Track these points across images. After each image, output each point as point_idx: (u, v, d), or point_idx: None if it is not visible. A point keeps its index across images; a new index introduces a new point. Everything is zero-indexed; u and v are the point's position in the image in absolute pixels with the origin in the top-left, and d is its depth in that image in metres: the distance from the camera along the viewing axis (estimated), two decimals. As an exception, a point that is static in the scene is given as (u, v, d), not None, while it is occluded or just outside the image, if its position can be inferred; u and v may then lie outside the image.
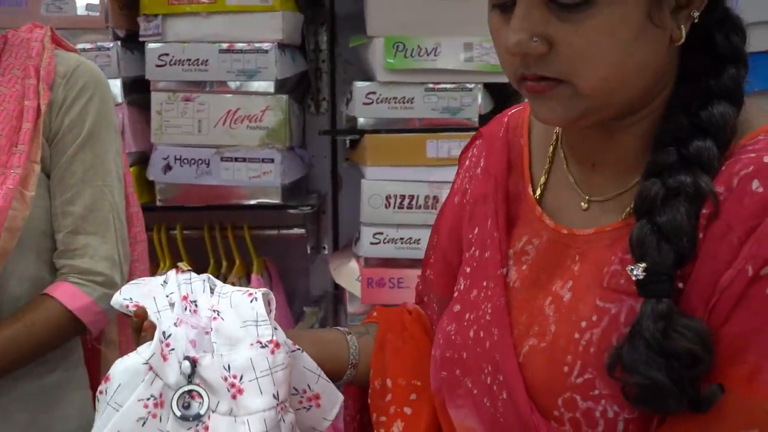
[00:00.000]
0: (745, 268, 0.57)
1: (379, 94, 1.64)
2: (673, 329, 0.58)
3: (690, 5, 0.61)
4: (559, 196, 0.73)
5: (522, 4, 0.60)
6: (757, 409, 0.57)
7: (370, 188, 1.66)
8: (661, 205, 0.60)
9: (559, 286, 0.68)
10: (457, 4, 1.60)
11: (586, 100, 0.62)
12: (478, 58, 1.61)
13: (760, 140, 0.61)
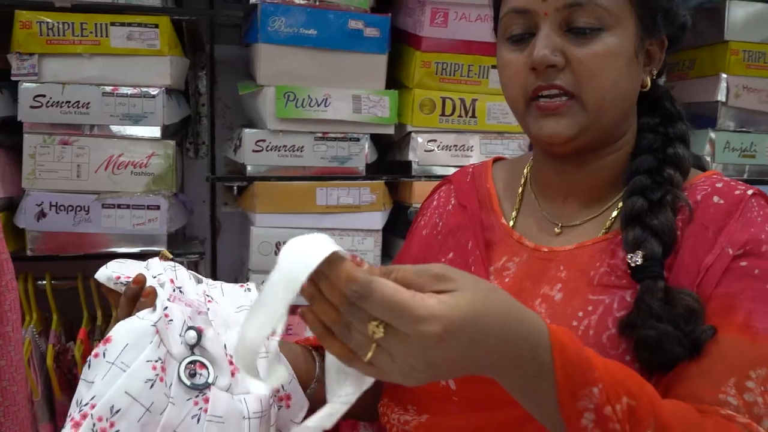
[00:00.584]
0: (725, 250, 0.75)
1: (269, 141, 1.65)
2: (672, 296, 0.73)
3: (651, 63, 0.83)
4: (531, 226, 0.87)
5: (545, 30, 0.77)
6: (759, 353, 0.71)
7: (259, 235, 1.65)
8: (649, 212, 0.77)
9: (548, 289, 0.80)
10: (346, 59, 1.66)
11: (587, 115, 0.78)
12: (366, 110, 1.68)
13: (704, 180, 0.81)
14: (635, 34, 0.79)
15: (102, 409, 0.67)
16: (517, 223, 0.89)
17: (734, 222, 0.76)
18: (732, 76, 1.90)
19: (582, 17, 0.76)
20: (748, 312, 0.73)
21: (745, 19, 1.91)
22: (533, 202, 0.89)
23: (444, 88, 1.71)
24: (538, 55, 0.76)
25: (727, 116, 1.92)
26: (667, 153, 0.81)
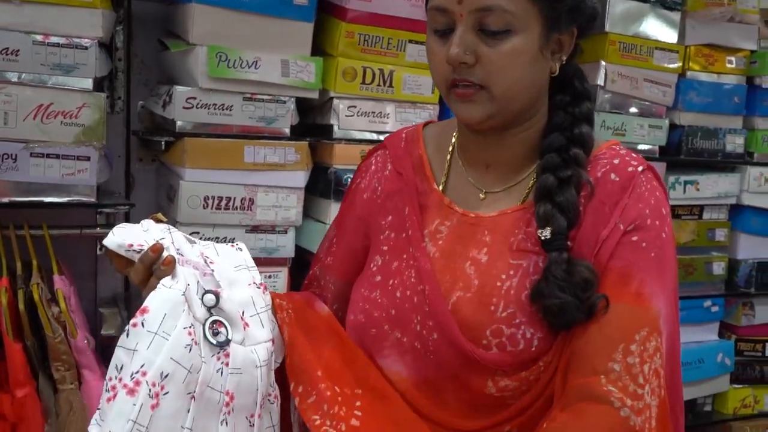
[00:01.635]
0: (618, 225, 0.90)
1: (199, 99, 1.71)
2: (572, 267, 0.88)
3: (561, 51, 0.94)
4: (459, 191, 1.00)
5: (460, 29, 0.89)
6: (644, 316, 0.87)
7: (188, 189, 1.72)
8: (558, 190, 0.91)
9: (476, 252, 0.95)
10: (276, 24, 1.75)
11: (496, 104, 0.90)
12: (293, 74, 1.78)
13: (605, 152, 0.96)
14: (540, 33, 0.89)
15: (154, 375, 0.76)
16: (446, 187, 1.01)
17: (626, 198, 0.90)
18: (609, 64, 2.17)
19: (491, 20, 0.87)
20: (640, 281, 0.87)
21: (623, 14, 2.18)
22: (460, 168, 1.01)
23: (365, 59, 1.84)
24: (452, 53, 0.88)
25: (604, 99, 2.20)
26: (574, 132, 0.94)
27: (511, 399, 0.91)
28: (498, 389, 0.90)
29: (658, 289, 0.88)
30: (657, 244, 0.90)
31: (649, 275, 0.88)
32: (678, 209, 2.38)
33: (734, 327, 2.56)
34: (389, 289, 0.97)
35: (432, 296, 0.93)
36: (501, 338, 0.90)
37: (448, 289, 0.94)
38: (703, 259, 2.43)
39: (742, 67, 2.42)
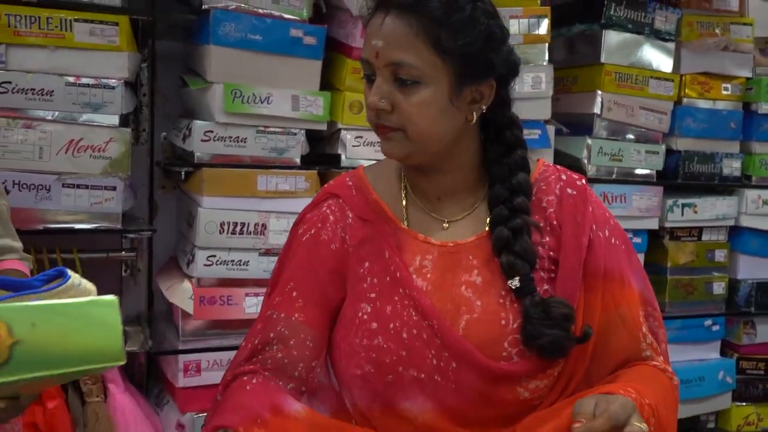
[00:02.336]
0: (597, 232, 1.05)
1: (216, 132, 1.85)
2: (548, 307, 0.98)
3: (481, 101, 1.02)
4: (423, 225, 1.07)
5: (378, 79, 0.99)
6: (633, 299, 1.05)
7: (206, 216, 1.85)
8: (513, 240, 1.02)
9: (467, 276, 1.02)
10: (287, 62, 1.89)
11: (412, 144, 0.99)
12: (303, 108, 1.91)
13: (546, 170, 1.09)
14: (450, 86, 0.98)
15: None
16: (410, 224, 1.06)
17: (589, 206, 1.06)
18: (605, 93, 2.28)
19: (403, 73, 0.97)
20: (624, 273, 1.05)
21: (617, 45, 2.29)
22: (416, 204, 1.08)
23: (370, 92, 1.97)
24: (370, 101, 0.99)
25: (601, 126, 2.30)
26: (513, 183, 1.04)
27: (538, 399, 1.02)
28: (530, 392, 1.00)
29: (633, 272, 1.08)
30: (624, 240, 1.10)
31: (626, 265, 1.07)
32: (677, 231, 2.47)
33: (736, 345, 2.62)
34: (392, 333, 1.00)
35: (441, 328, 0.99)
36: (519, 346, 0.99)
37: (453, 317, 1.00)
38: (703, 279, 2.50)
39: (738, 93, 2.51)
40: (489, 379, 0.99)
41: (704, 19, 2.41)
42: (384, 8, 0.98)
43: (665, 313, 2.44)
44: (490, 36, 1.00)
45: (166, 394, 2.02)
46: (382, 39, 0.97)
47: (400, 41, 0.96)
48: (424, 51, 0.96)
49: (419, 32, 0.96)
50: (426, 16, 0.96)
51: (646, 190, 2.35)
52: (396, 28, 0.96)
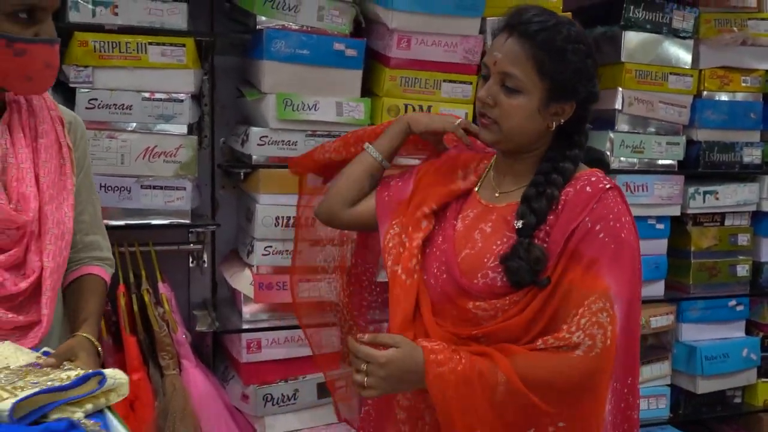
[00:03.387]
0: (585, 222, 1.28)
1: (271, 137, 2.10)
2: (531, 248, 1.30)
3: (561, 115, 1.36)
4: (486, 191, 1.46)
5: (491, 80, 1.35)
6: (594, 287, 1.25)
7: (263, 211, 2.10)
8: (535, 198, 1.31)
9: (484, 226, 1.41)
10: (331, 73, 2.12)
11: (502, 135, 1.36)
12: (346, 113, 2.14)
13: (587, 173, 1.37)
14: (541, 99, 1.32)
15: None
16: (480, 188, 1.47)
17: (594, 203, 1.30)
18: (626, 90, 2.44)
19: (509, 81, 1.32)
20: (598, 263, 1.26)
21: (637, 45, 2.46)
22: (490, 177, 1.47)
23: (406, 97, 2.19)
24: (480, 95, 1.36)
25: (622, 121, 2.47)
26: (559, 165, 1.36)
27: (483, 319, 1.34)
28: (475, 308, 1.35)
29: (613, 271, 1.27)
30: (615, 240, 1.28)
31: (607, 260, 1.27)
32: (699, 217, 2.62)
33: (761, 325, 2.76)
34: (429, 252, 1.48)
35: (448, 252, 1.40)
36: (486, 279, 1.34)
37: (460, 248, 1.40)
38: (727, 262, 2.65)
39: (757, 85, 2.64)
40: (457, 290, 1.37)
41: (722, 16, 2.55)
42: (510, 30, 1.33)
43: (690, 294, 2.60)
44: (579, 71, 1.33)
45: (231, 369, 2.28)
46: (502, 52, 1.33)
47: (515, 58, 1.31)
48: (529, 70, 1.31)
49: (530, 56, 1.30)
50: (537, 46, 1.30)
51: (668, 179, 2.51)
52: (514, 47, 1.32)
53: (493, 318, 1.33)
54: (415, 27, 2.12)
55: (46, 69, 1.19)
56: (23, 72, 1.17)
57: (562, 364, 1.24)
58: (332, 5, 2.11)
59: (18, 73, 1.17)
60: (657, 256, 2.52)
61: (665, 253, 2.54)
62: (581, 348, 1.23)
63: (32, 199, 1.25)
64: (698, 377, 2.59)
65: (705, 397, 2.64)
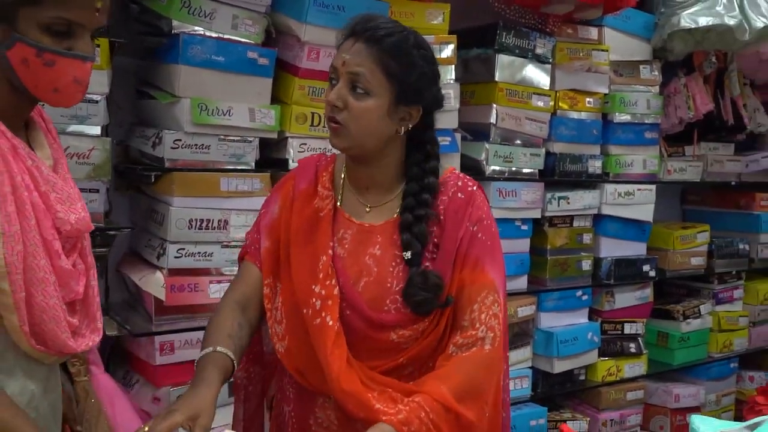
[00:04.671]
0: (469, 227, 1.39)
1: (184, 141, 2.12)
2: (427, 277, 1.35)
3: (409, 120, 1.39)
4: (351, 207, 1.45)
5: (340, 83, 1.35)
6: (484, 283, 1.38)
7: (176, 214, 2.11)
8: (414, 224, 1.38)
9: (372, 250, 1.40)
10: (244, 80, 2.19)
11: (352, 140, 1.35)
12: (259, 119, 2.22)
13: (450, 177, 1.45)
14: (389, 102, 1.34)
15: None
16: (343, 204, 1.44)
17: (470, 208, 1.40)
18: (499, 106, 2.75)
19: (357, 83, 1.33)
20: (482, 262, 1.38)
21: (508, 66, 2.77)
22: (349, 190, 1.45)
23: (313, 106, 2.31)
24: (329, 98, 1.36)
25: (496, 134, 2.78)
26: (424, 182, 1.40)
27: (405, 344, 1.38)
28: (398, 337, 1.37)
29: (493, 265, 1.41)
30: (491, 238, 1.43)
31: (488, 257, 1.41)
32: (554, 219, 3.00)
33: (599, 311, 3.21)
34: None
35: (345, 285, 1.37)
36: (396, 304, 1.36)
37: (356, 277, 1.38)
38: (574, 259, 3.06)
39: (598, 106, 3.09)
40: (370, 325, 1.36)
41: (572, 45, 2.95)
42: (356, 36, 1.35)
43: (547, 287, 2.98)
44: (425, 75, 1.38)
45: (134, 373, 2.25)
46: (351, 54, 1.34)
47: (363, 59, 1.33)
48: (377, 72, 1.33)
49: (377, 58, 1.33)
50: (385, 50, 1.34)
51: (531, 185, 2.86)
52: (362, 50, 1.34)
53: (415, 341, 1.38)
54: (325, 40, 2.25)
55: (75, 84, 1.19)
56: (51, 84, 1.18)
57: (476, 363, 1.35)
58: (246, 15, 2.18)
59: (46, 84, 1.18)
60: (522, 253, 2.86)
61: (528, 251, 2.89)
62: (487, 341, 1.36)
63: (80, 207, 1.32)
64: (554, 359, 2.97)
65: (558, 376, 3.03)
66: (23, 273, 1.19)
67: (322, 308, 1.36)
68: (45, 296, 1.22)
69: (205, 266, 2.18)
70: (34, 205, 1.21)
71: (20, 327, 1.21)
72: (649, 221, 3.26)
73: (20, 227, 1.19)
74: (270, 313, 1.43)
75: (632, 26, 3.14)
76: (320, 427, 1.40)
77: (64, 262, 1.25)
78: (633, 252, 3.23)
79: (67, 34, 1.16)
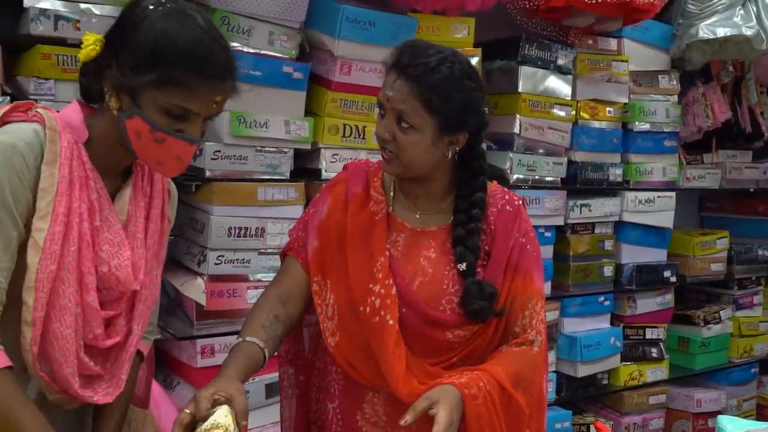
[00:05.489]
0: (519, 239, 1.49)
1: (224, 152, 2.21)
2: (482, 286, 1.42)
3: (456, 144, 1.45)
4: (401, 212, 1.52)
5: (387, 117, 1.41)
6: (532, 291, 1.48)
7: (216, 222, 2.20)
8: (467, 238, 1.45)
9: (427, 252, 1.47)
10: (279, 93, 2.28)
11: (403, 167, 1.43)
12: (294, 131, 2.31)
13: (495, 191, 1.53)
14: (433, 134, 1.39)
15: None
16: (394, 209, 1.51)
17: (518, 221, 1.50)
18: (522, 116, 2.83)
19: (403, 119, 1.39)
20: (531, 272, 1.48)
21: (531, 77, 2.85)
22: (400, 198, 1.52)
23: (345, 117, 2.40)
24: (378, 132, 1.43)
25: (519, 143, 2.85)
26: (472, 199, 1.48)
27: (458, 344, 1.44)
28: (454, 336, 1.43)
29: (539, 275, 1.51)
30: (536, 249, 1.52)
31: (535, 267, 1.50)
32: (576, 226, 3.07)
33: (621, 316, 3.27)
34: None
35: (401, 285, 1.43)
36: (452, 305, 1.43)
37: (411, 277, 1.45)
38: (596, 265, 3.12)
39: (618, 115, 3.15)
40: (427, 322, 1.42)
41: (593, 56, 3.03)
42: (399, 71, 1.40)
43: (570, 293, 3.04)
44: (465, 105, 1.41)
45: (174, 376, 2.34)
46: (393, 92, 1.39)
47: (405, 97, 1.38)
48: (419, 108, 1.38)
49: (418, 95, 1.37)
50: (425, 87, 1.37)
51: (554, 194, 2.93)
52: (403, 87, 1.38)
53: (468, 340, 1.45)
54: (356, 55, 2.34)
55: (177, 161, 1.27)
56: (157, 156, 1.25)
57: (527, 359, 1.45)
58: (281, 31, 2.28)
59: (152, 155, 1.25)
60: (545, 260, 2.91)
61: (551, 258, 2.96)
62: (536, 344, 1.46)
63: (142, 270, 1.33)
64: (578, 363, 3.03)
65: (582, 380, 3.09)
66: (48, 294, 1.20)
67: (381, 307, 1.41)
68: (62, 324, 1.22)
69: (243, 273, 2.26)
70: (81, 234, 1.24)
71: (30, 346, 1.21)
72: (669, 228, 3.32)
73: (60, 249, 1.21)
74: (320, 308, 1.48)
75: (651, 37, 3.21)
76: (367, 423, 1.47)
77: (92, 298, 1.25)
78: (654, 258, 3.29)
79: (181, 117, 1.22)
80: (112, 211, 1.30)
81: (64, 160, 1.22)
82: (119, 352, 1.34)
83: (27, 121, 1.23)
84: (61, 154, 1.22)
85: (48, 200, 1.20)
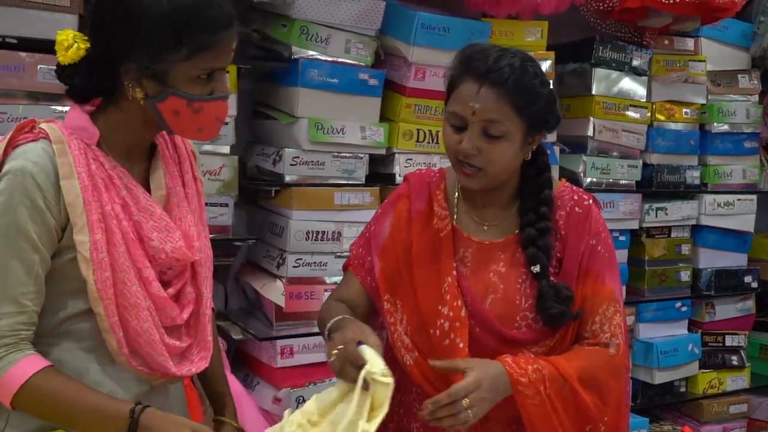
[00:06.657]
0: (589, 242, 1.44)
1: (302, 158, 2.27)
2: (558, 289, 1.39)
3: (533, 144, 1.43)
4: (467, 225, 1.48)
5: (471, 131, 1.36)
6: (604, 295, 1.44)
7: (295, 226, 2.26)
8: (538, 238, 1.42)
9: (496, 267, 1.44)
10: (355, 99, 2.33)
11: (488, 179, 1.40)
12: (369, 137, 2.35)
13: (563, 191, 1.49)
14: (521, 138, 1.37)
15: None
16: (459, 222, 1.47)
17: (588, 222, 1.45)
18: (596, 119, 2.80)
19: (492, 128, 1.34)
20: (603, 274, 1.43)
21: (605, 79, 2.82)
22: (464, 208, 1.49)
23: (419, 123, 2.43)
24: (463, 147, 1.35)
25: (593, 146, 2.82)
26: (541, 197, 1.44)
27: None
28: (530, 354, 1.39)
29: (612, 276, 1.47)
30: (609, 250, 1.48)
31: (607, 269, 1.46)
32: (652, 230, 3.01)
33: (700, 323, 3.18)
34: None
35: (473, 303, 1.41)
36: (527, 320, 1.40)
37: (482, 295, 1.42)
38: (673, 269, 3.05)
39: (695, 117, 3.08)
40: (502, 342, 1.39)
41: (668, 57, 2.97)
42: (480, 79, 1.35)
43: (645, 298, 2.98)
44: (548, 102, 1.40)
45: (254, 376, 2.41)
46: (480, 102, 1.34)
47: (496, 105, 1.35)
48: (511, 114, 1.35)
49: (507, 101, 1.35)
50: (512, 90, 1.35)
51: (629, 197, 2.89)
52: (491, 95, 1.35)
53: (543, 356, 1.40)
54: (430, 61, 2.37)
55: (216, 122, 1.27)
56: (197, 125, 1.25)
57: (600, 359, 1.40)
58: (357, 39, 2.33)
59: (192, 126, 1.25)
60: (620, 264, 2.87)
61: (626, 262, 2.91)
62: (611, 347, 1.42)
63: (196, 237, 1.33)
64: (655, 370, 2.96)
65: (658, 387, 3.02)
66: (114, 298, 1.21)
67: (450, 330, 1.39)
68: (139, 320, 1.23)
69: (320, 275, 2.32)
70: (123, 233, 1.23)
71: (119, 350, 1.23)
72: (750, 231, 3.21)
73: (108, 254, 1.21)
74: (393, 327, 1.45)
75: (730, 36, 3.13)
76: None
77: (157, 289, 1.25)
78: (733, 263, 3.20)
79: (210, 78, 1.22)
80: (148, 200, 1.28)
81: (80, 168, 1.20)
82: (197, 318, 1.35)
83: (34, 140, 1.21)
84: (75, 164, 1.20)
85: (78, 212, 1.19)
